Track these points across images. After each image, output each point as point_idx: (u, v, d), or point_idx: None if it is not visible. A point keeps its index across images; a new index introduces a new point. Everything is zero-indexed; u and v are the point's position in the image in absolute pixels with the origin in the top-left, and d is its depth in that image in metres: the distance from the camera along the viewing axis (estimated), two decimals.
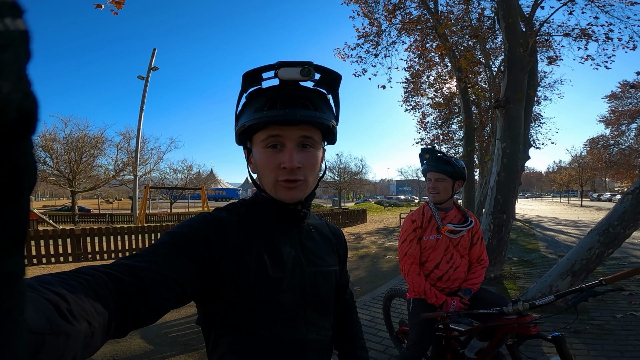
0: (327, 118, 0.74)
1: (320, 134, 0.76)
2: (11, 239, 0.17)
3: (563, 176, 41.07)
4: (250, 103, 0.74)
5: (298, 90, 0.72)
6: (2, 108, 0.15)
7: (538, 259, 6.86)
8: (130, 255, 0.57)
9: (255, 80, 0.71)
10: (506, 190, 4.83)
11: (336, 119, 0.79)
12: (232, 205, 0.80)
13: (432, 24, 8.77)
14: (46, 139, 20.03)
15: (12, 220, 0.17)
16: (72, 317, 0.35)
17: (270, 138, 0.71)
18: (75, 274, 0.43)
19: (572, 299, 1.38)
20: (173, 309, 0.58)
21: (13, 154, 0.16)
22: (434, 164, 1.95)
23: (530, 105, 7.15)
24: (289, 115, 0.69)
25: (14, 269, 0.18)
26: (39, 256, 6.82)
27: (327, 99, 0.78)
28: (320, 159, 0.78)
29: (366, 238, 11.26)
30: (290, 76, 0.68)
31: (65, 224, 17.29)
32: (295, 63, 0.67)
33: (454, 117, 15.81)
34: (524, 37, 4.80)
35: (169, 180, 27.48)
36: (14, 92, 0.15)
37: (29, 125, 0.17)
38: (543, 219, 17.56)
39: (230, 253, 0.68)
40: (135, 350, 2.98)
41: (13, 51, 0.15)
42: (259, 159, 0.74)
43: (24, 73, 0.16)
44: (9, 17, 0.15)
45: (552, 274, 3.97)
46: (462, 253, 2.00)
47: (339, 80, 0.74)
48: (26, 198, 0.18)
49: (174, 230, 0.66)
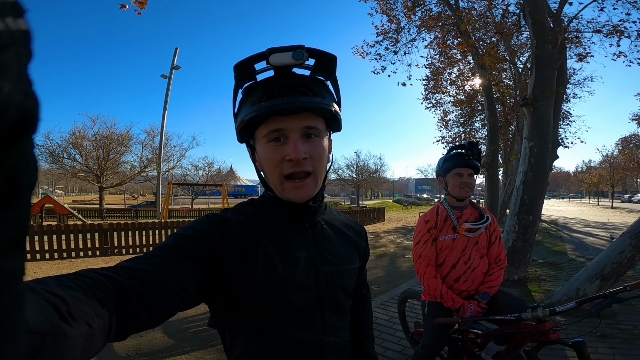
0: (328, 103, 0.71)
1: (323, 122, 0.73)
2: (11, 239, 0.17)
3: (593, 176, 39.45)
4: (247, 97, 0.72)
5: (295, 78, 0.70)
6: (3, 107, 0.15)
7: (565, 262, 6.60)
8: (132, 257, 0.57)
9: (249, 75, 0.70)
10: (533, 191, 4.70)
11: (338, 105, 0.76)
12: (239, 205, 0.79)
13: (453, 20, 8.57)
14: (76, 136, 20.93)
15: (13, 220, 0.17)
16: (71, 319, 0.35)
17: (272, 132, 0.69)
18: (75, 277, 0.44)
19: (596, 306, 1.33)
20: (179, 311, 0.57)
21: (13, 153, 0.16)
22: (470, 158, 1.89)
23: (560, 103, 6.87)
24: (288, 102, 0.66)
25: (14, 269, 0.18)
26: (69, 250, 7.13)
27: (327, 85, 0.75)
28: (328, 149, 0.76)
29: (384, 237, 11.16)
30: (283, 61, 0.65)
31: (93, 218, 18.02)
32: (286, 48, 0.65)
33: (477, 115, 15.43)
34: (552, 33, 4.64)
35: (190, 177, 28.17)
36: (14, 92, 0.15)
37: (30, 125, 0.17)
38: (570, 221, 16.85)
39: (236, 254, 0.67)
40: (157, 344, 3.08)
41: (14, 51, 0.15)
42: (262, 155, 0.72)
43: (25, 73, 0.16)
44: (10, 17, 0.15)
45: (580, 277, 3.83)
46: (482, 252, 1.95)
47: (334, 61, 0.71)
48: (27, 197, 0.18)
49: (178, 232, 0.65)
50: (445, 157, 1.99)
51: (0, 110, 0.15)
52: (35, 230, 6.92)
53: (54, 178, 37.43)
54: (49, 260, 6.85)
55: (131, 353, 2.89)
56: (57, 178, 33.78)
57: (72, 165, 21.11)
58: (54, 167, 21.99)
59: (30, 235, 6.76)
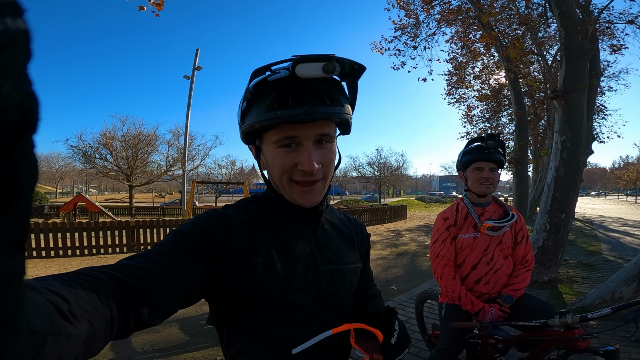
0: (346, 112, 0.67)
1: (335, 126, 0.71)
2: (11, 240, 0.17)
3: (631, 172, 37.50)
4: (258, 99, 0.65)
5: (312, 82, 0.63)
6: (3, 108, 0.15)
7: (600, 262, 6.23)
8: (133, 255, 0.57)
9: (263, 73, 0.63)
10: (566, 188, 4.51)
11: (352, 105, 0.72)
12: (241, 202, 0.77)
13: (474, 13, 8.25)
14: (107, 137, 21.85)
15: (13, 220, 0.17)
16: (73, 318, 0.35)
17: (284, 139, 0.65)
18: (76, 275, 0.43)
19: (633, 312, 1.20)
20: (181, 309, 0.57)
21: (14, 154, 0.16)
22: (492, 151, 1.77)
23: (594, 96, 6.50)
24: (308, 114, 0.61)
25: (15, 269, 0.18)
26: (98, 246, 7.44)
27: (342, 86, 0.70)
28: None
29: (405, 235, 10.95)
30: (311, 74, 0.59)
31: (123, 216, 18.77)
32: (316, 57, 0.59)
33: (503, 110, 14.88)
34: (582, 24, 4.48)
35: (214, 175, 28.85)
36: (14, 92, 0.15)
37: (30, 125, 0.17)
38: (606, 219, 15.92)
39: (236, 251, 0.66)
40: (173, 340, 3.14)
41: (13, 51, 0.15)
42: (272, 159, 0.69)
43: (24, 73, 0.16)
44: (10, 17, 0.15)
45: (616, 279, 3.61)
46: (506, 253, 1.82)
47: (362, 72, 0.67)
48: (27, 198, 0.18)
49: (178, 228, 0.64)
50: (464, 151, 1.88)
51: (0, 111, 0.15)
52: (67, 227, 7.27)
53: (87, 177, 39.34)
54: (79, 256, 7.17)
55: (147, 348, 2.96)
56: (90, 177, 35.44)
57: (104, 165, 22.06)
58: (87, 167, 23.05)
59: (62, 232, 7.12)
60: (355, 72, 0.67)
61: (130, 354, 2.84)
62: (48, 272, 5.76)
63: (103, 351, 2.80)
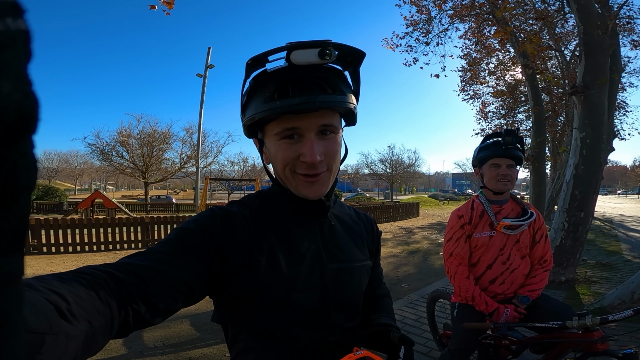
0: (349, 101, 0.65)
1: (339, 116, 0.69)
2: (10, 240, 0.17)
3: None
4: (258, 90, 0.65)
5: (312, 71, 0.62)
6: (2, 108, 0.15)
7: (620, 263, 6.04)
8: (134, 253, 0.56)
9: (259, 63, 0.62)
10: (585, 185, 4.38)
11: (356, 95, 0.70)
12: (246, 198, 0.76)
13: (488, 8, 8.05)
14: (123, 135, 22.35)
15: (11, 220, 0.17)
16: (72, 317, 0.35)
17: (286, 130, 0.64)
18: (76, 274, 0.43)
19: None
20: (183, 307, 0.56)
21: (12, 154, 0.16)
22: (510, 147, 1.71)
23: (615, 92, 6.29)
24: (307, 103, 0.60)
25: (13, 269, 0.18)
26: (114, 242, 7.61)
27: (345, 76, 0.69)
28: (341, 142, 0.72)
29: (418, 233, 10.84)
30: (307, 60, 0.58)
31: (139, 212, 19.15)
32: (311, 43, 0.58)
33: (520, 106, 14.54)
34: (601, 19, 4.34)
35: (227, 172, 29.12)
36: (14, 92, 0.15)
37: (29, 125, 0.17)
38: (627, 219, 15.41)
39: (239, 249, 0.64)
40: (183, 336, 3.18)
41: (13, 51, 0.15)
42: (274, 152, 0.68)
43: (24, 73, 0.16)
44: (10, 17, 0.15)
45: (636, 280, 3.50)
46: (524, 252, 1.77)
47: (362, 58, 0.65)
48: (26, 198, 0.18)
49: (180, 226, 0.63)
50: (480, 147, 1.83)
51: (0, 111, 0.15)
52: (85, 223, 7.47)
53: (105, 174, 40.29)
54: (96, 252, 7.35)
55: (159, 344, 3.01)
56: (108, 174, 36.28)
57: (120, 162, 22.57)
58: (104, 164, 23.64)
59: (80, 229, 7.32)
60: (355, 59, 0.65)
61: (142, 350, 2.89)
62: (66, 267, 5.93)
63: (115, 347, 2.87)
